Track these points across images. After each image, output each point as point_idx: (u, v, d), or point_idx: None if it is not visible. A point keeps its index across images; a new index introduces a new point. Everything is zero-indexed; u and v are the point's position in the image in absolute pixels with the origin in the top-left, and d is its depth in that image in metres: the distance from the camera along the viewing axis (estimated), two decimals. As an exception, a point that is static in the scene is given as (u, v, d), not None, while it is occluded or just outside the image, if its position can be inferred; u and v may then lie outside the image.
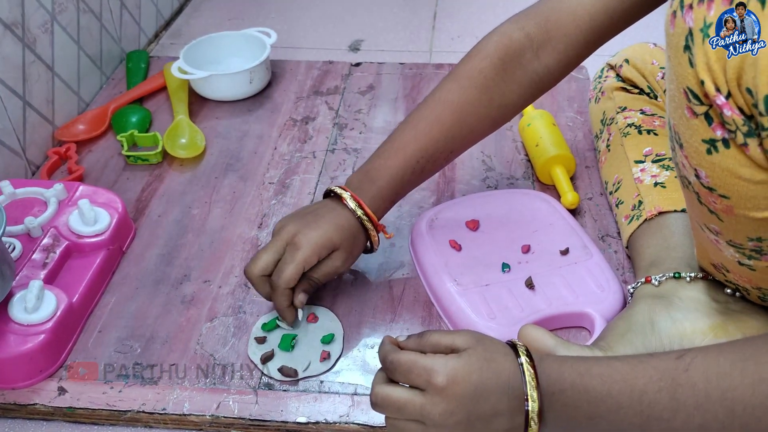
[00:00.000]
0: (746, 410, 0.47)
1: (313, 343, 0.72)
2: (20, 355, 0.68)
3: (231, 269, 0.82)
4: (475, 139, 0.76)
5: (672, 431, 0.50)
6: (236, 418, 0.66)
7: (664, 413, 0.49)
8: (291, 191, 0.93)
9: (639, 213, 0.76)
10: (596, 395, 0.51)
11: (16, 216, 0.80)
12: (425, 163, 0.74)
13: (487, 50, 0.73)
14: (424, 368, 0.52)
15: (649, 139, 0.81)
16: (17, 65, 0.94)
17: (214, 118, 1.07)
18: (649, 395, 0.50)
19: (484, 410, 0.52)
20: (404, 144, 0.73)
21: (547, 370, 0.52)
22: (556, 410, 0.52)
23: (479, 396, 0.52)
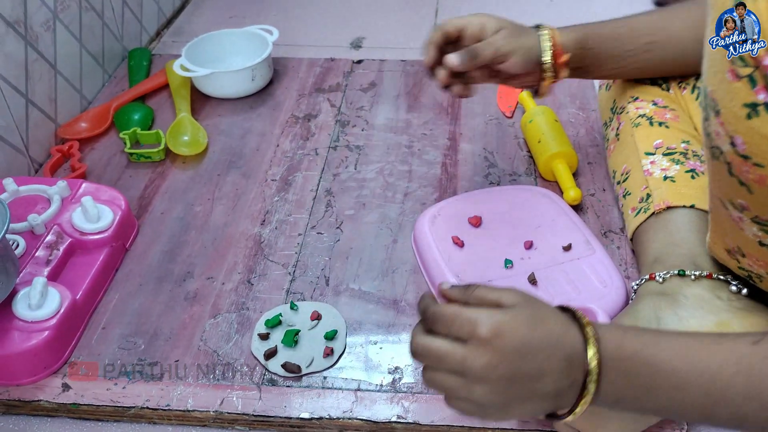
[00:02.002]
0: None
1: (316, 339, 0.72)
2: (24, 352, 0.68)
3: (234, 266, 0.82)
4: (677, 51, 0.77)
5: (737, 418, 0.48)
6: (240, 414, 0.66)
7: (737, 398, 0.47)
8: (293, 188, 0.93)
9: (647, 206, 0.75)
10: (661, 369, 0.49)
11: (20, 213, 0.80)
12: (626, 31, 0.77)
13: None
14: (468, 319, 0.50)
15: (660, 132, 0.80)
16: (20, 63, 0.94)
17: (217, 116, 1.07)
18: (723, 379, 0.48)
19: (530, 369, 0.49)
20: (616, 18, 0.78)
21: (608, 335, 0.50)
22: (612, 378, 0.50)
23: (526, 353, 0.49)
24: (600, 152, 0.95)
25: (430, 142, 1.00)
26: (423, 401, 0.67)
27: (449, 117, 1.05)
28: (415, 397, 0.67)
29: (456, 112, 1.06)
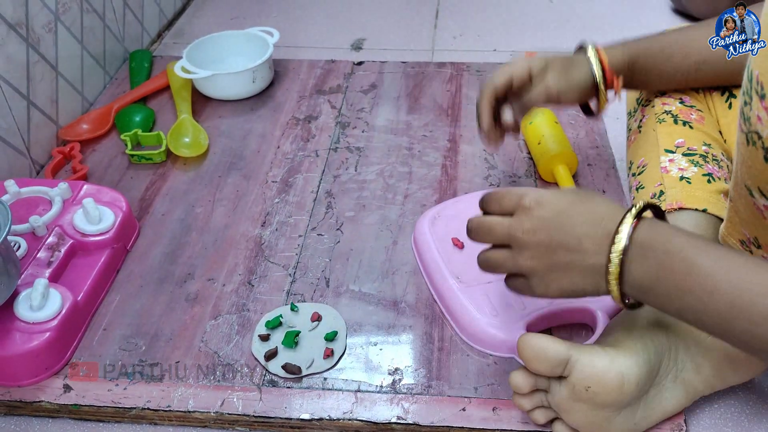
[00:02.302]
0: None
1: (317, 340, 0.72)
2: (26, 353, 0.68)
3: (235, 267, 0.82)
4: (728, 69, 0.75)
5: (751, 334, 0.49)
6: (240, 415, 0.66)
7: (756, 317, 0.49)
8: (294, 190, 0.93)
9: (658, 203, 0.75)
10: (699, 271, 0.51)
11: (21, 215, 0.81)
12: (677, 50, 0.75)
13: None
14: (516, 193, 0.57)
15: (684, 131, 0.79)
16: (21, 65, 0.94)
17: (217, 117, 1.08)
18: (751, 294, 0.49)
19: (568, 239, 0.53)
20: (662, 32, 0.77)
21: (658, 225, 0.53)
22: (647, 267, 0.52)
23: (565, 222, 0.54)
24: (600, 155, 0.96)
25: (430, 143, 1.00)
26: (423, 402, 0.67)
27: (449, 119, 1.05)
28: (415, 398, 0.67)
29: (456, 114, 1.06)
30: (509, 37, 1.30)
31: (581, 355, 0.59)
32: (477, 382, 0.68)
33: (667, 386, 0.63)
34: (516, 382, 0.62)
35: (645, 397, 0.62)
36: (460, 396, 0.67)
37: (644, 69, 0.78)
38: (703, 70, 0.77)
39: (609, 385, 0.58)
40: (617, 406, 0.60)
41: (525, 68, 0.74)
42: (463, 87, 1.12)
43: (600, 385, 0.58)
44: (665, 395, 0.63)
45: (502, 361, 0.70)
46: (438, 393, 0.68)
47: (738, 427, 0.66)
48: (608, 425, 0.61)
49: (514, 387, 0.62)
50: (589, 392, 0.58)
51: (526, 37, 1.30)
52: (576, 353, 0.59)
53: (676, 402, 0.63)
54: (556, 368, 0.59)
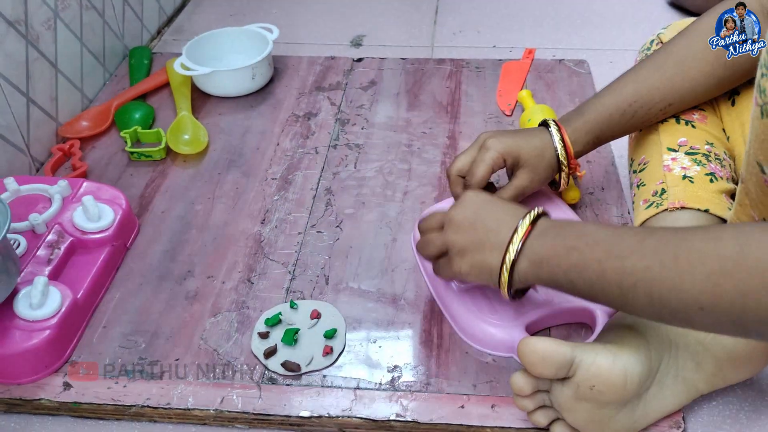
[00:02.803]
0: (688, 258, 0.50)
1: (316, 338, 0.73)
2: (25, 351, 0.68)
3: (234, 265, 0.82)
4: (698, 96, 0.76)
5: (620, 271, 0.53)
6: (240, 413, 0.67)
7: (624, 251, 0.53)
8: (294, 187, 0.93)
9: (660, 201, 0.74)
10: (586, 231, 0.57)
11: (21, 213, 0.81)
12: (638, 107, 0.75)
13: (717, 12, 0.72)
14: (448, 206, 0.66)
15: (686, 131, 0.79)
16: (21, 62, 0.94)
17: (217, 114, 1.08)
18: (623, 237, 0.54)
19: (489, 220, 0.62)
20: (621, 85, 0.76)
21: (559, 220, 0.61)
22: (546, 238, 0.59)
23: (490, 207, 0.63)
24: (599, 152, 0.95)
25: (429, 140, 1.00)
26: (422, 400, 0.67)
27: (449, 115, 1.05)
28: (414, 395, 0.67)
29: (456, 110, 1.06)
30: (509, 33, 1.30)
31: (585, 354, 0.59)
32: (476, 380, 0.68)
33: (667, 384, 0.63)
34: (518, 384, 0.61)
35: (645, 395, 0.62)
36: (458, 393, 0.67)
37: (609, 136, 0.78)
38: (670, 111, 0.77)
39: (613, 383, 0.58)
40: (619, 404, 0.60)
41: (501, 162, 0.75)
42: (463, 83, 1.12)
43: (605, 384, 0.58)
44: (666, 393, 0.63)
45: (501, 359, 0.70)
46: (437, 390, 0.68)
47: (736, 424, 0.66)
48: (609, 423, 0.61)
49: (516, 389, 0.62)
50: (594, 391, 0.59)
51: (525, 33, 1.30)
52: (580, 353, 0.59)
53: (677, 400, 0.64)
54: (560, 370, 0.59)
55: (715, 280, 0.48)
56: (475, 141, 0.77)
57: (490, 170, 0.75)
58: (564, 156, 0.76)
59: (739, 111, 0.76)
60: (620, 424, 0.62)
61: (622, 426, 0.62)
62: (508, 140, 0.75)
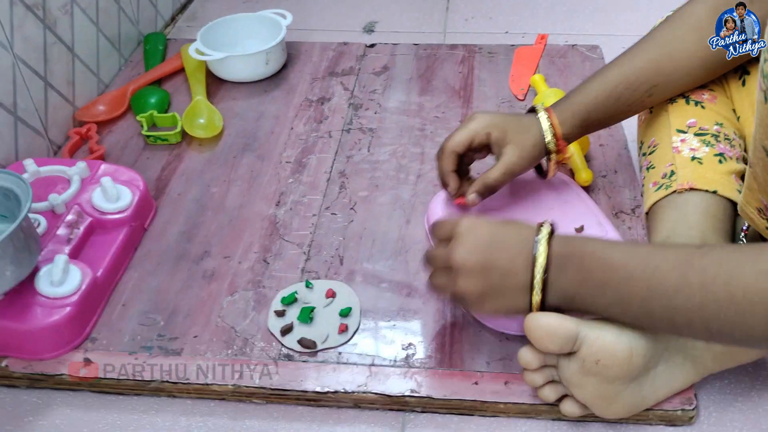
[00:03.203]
0: (745, 297, 0.50)
1: (332, 316, 0.74)
2: (47, 327, 0.70)
3: (250, 246, 0.83)
4: (683, 78, 0.76)
5: (671, 309, 0.53)
6: (257, 388, 0.68)
7: (670, 290, 0.53)
8: (308, 170, 0.94)
9: (669, 183, 0.75)
10: (613, 265, 0.56)
11: (40, 193, 0.82)
12: (623, 89, 0.75)
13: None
14: (452, 222, 0.63)
15: (696, 111, 0.79)
16: (39, 46, 0.95)
17: (231, 99, 1.09)
18: (661, 272, 0.54)
19: (501, 260, 0.59)
20: (607, 69, 0.77)
21: (571, 238, 0.59)
22: (570, 273, 0.58)
23: (497, 243, 0.60)
24: (612, 135, 0.96)
25: (442, 124, 1.01)
26: (436, 376, 0.68)
27: (461, 100, 1.06)
28: (428, 372, 0.68)
29: (468, 95, 1.07)
30: (521, 19, 1.30)
31: (590, 330, 0.60)
32: (489, 357, 0.69)
33: (676, 362, 0.63)
34: (525, 358, 0.63)
35: (654, 371, 0.62)
36: (472, 370, 0.68)
37: (597, 120, 0.78)
38: (656, 93, 0.77)
39: (618, 357, 0.59)
40: (626, 379, 0.61)
41: (484, 133, 0.75)
42: (476, 69, 1.12)
43: (610, 358, 0.59)
44: (674, 371, 0.63)
45: (514, 337, 0.71)
46: (450, 367, 0.69)
47: (748, 401, 0.67)
48: (616, 398, 0.62)
49: (524, 363, 0.63)
50: (599, 365, 0.59)
51: (537, 19, 1.30)
52: (585, 328, 0.60)
53: (685, 378, 0.64)
54: (565, 345, 0.60)
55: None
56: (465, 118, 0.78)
57: (469, 137, 0.75)
58: (552, 135, 0.75)
59: (749, 90, 0.76)
60: (628, 400, 0.62)
61: (630, 402, 0.63)
62: (495, 115, 0.76)
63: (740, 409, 0.66)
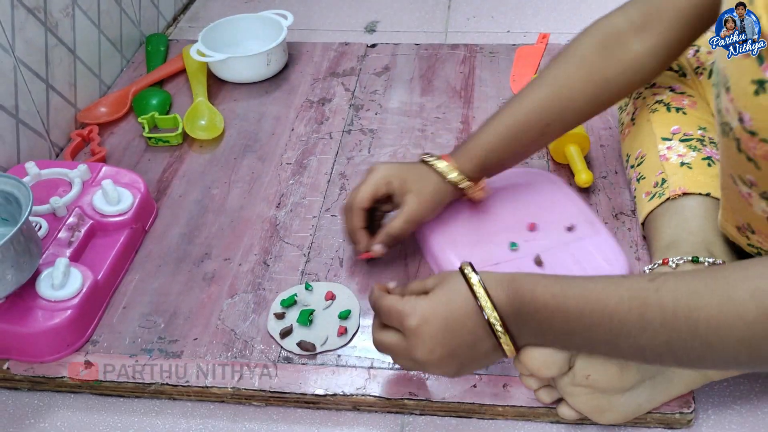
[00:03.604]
0: (709, 328, 0.49)
1: (331, 318, 0.74)
2: (48, 330, 0.70)
3: (250, 247, 0.84)
4: (573, 115, 0.76)
5: (639, 348, 0.53)
6: (257, 390, 0.68)
7: (633, 331, 0.52)
8: (308, 171, 0.94)
9: (662, 191, 0.75)
10: (571, 315, 0.54)
11: (42, 196, 0.82)
12: (517, 130, 0.76)
13: (589, 32, 0.76)
14: (399, 312, 0.59)
15: (678, 118, 0.80)
16: (40, 48, 0.96)
17: (233, 100, 1.09)
18: (619, 315, 0.52)
19: (464, 339, 0.57)
20: (502, 111, 0.77)
21: (521, 288, 0.56)
22: (531, 327, 0.56)
23: (453, 328, 0.57)
24: (613, 135, 0.96)
25: (443, 125, 1.01)
26: (434, 379, 0.68)
27: (462, 100, 1.06)
28: (427, 375, 0.69)
29: (469, 95, 1.07)
30: (523, 18, 1.30)
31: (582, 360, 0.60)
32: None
33: (675, 371, 0.63)
34: (520, 366, 0.63)
35: (651, 381, 0.62)
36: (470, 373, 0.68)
37: (497, 162, 0.78)
38: (549, 132, 0.77)
39: (608, 373, 0.59)
40: (619, 390, 0.61)
41: (385, 184, 0.75)
42: (477, 69, 1.12)
43: (599, 373, 0.59)
44: (673, 379, 0.63)
45: (513, 339, 0.71)
46: (450, 370, 0.69)
47: (746, 404, 0.67)
48: (611, 407, 0.62)
49: (519, 370, 0.63)
50: (590, 380, 0.60)
51: (539, 18, 1.30)
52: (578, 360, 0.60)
53: (684, 386, 0.64)
54: (562, 368, 0.60)
55: (748, 344, 0.48)
56: (366, 172, 0.78)
57: (373, 191, 0.75)
58: (457, 173, 0.75)
59: None
60: (624, 408, 0.62)
61: (627, 410, 0.63)
62: (395, 165, 0.77)
63: (739, 412, 0.66)
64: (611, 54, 0.73)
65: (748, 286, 0.48)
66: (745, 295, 0.47)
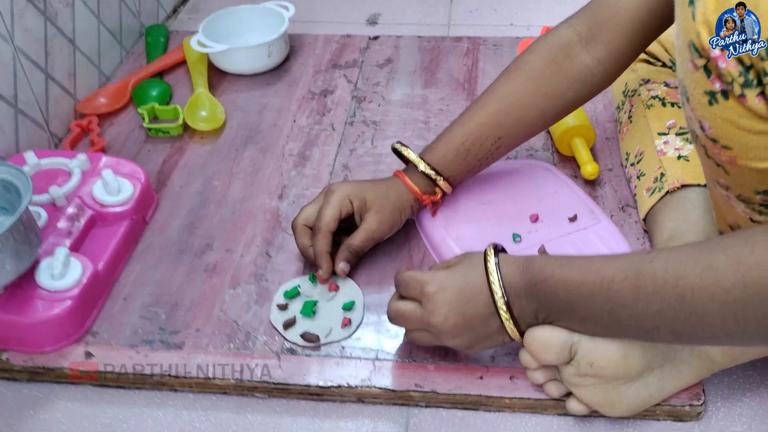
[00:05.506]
0: (694, 296, 0.50)
1: (335, 310, 0.73)
2: (48, 320, 0.69)
3: (253, 239, 0.83)
4: (525, 128, 0.77)
5: (636, 319, 0.54)
6: (260, 382, 0.67)
7: (628, 300, 0.54)
8: (311, 163, 0.93)
9: (661, 185, 0.76)
10: (572, 284, 0.56)
11: (41, 186, 0.81)
12: (470, 145, 0.76)
13: (536, 45, 0.76)
14: (418, 281, 0.61)
15: (673, 112, 0.81)
16: (39, 38, 0.94)
17: (234, 92, 1.08)
18: (615, 284, 0.54)
19: (478, 311, 0.59)
20: (452, 128, 0.77)
21: (532, 264, 0.58)
22: (538, 301, 0.58)
23: (468, 298, 0.59)
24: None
25: (447, 117, 1.00)
26: (440, 371, 0.67)
27: (466, 93, 1.05)
28: (433, 366, 0.68)
29: (472, 88, 1.06)
30: (525, 10, 1.29)
31: (583, 336, 0.59)
32: (494, 352, 0.69)
33: (683, 359, 0.62)
34: (524, 360, 0.63)
35: (659, 370, 0.62)
36: (477, 364, 0.68)
37: (451, 177, 0.78)
38: (503, 145, 0.77)
39: (612, 359, 0.59)
40: (626, 379, 0.60)
41: (348, 202, 0.74)
42: (480, 61, 1.11)
43: (603, 360, 0.59)
44: (682, 369, 0.62)
45: (520, 331, 0.70)
46: (455, 362, 0.68)
47: (756, 397, 0.66)
48: (620, 398, 0.61)
49: (524, 363, 0.63)
50: (594, 367, 0.59)
51: (542, 11, 1.29)
52: (578, 335, 0.60)
53: (693, 375, 0.63)
54: (562, 355, 0.59)
55: (730, 311, 0.49)
56: (320, 192, 0.77)
57: (337, 211, 0.74)
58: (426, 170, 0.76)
59: None
60: (633, 399, 0.62)
61: (636, 401, 0.62)
62: (353, 184, 0.76)
63: (748, 404, 0.66)
64: (560, 67, 0.73)
65: (727, 254, 0.50)
66: (724, 263, 0.49)
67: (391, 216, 0.76)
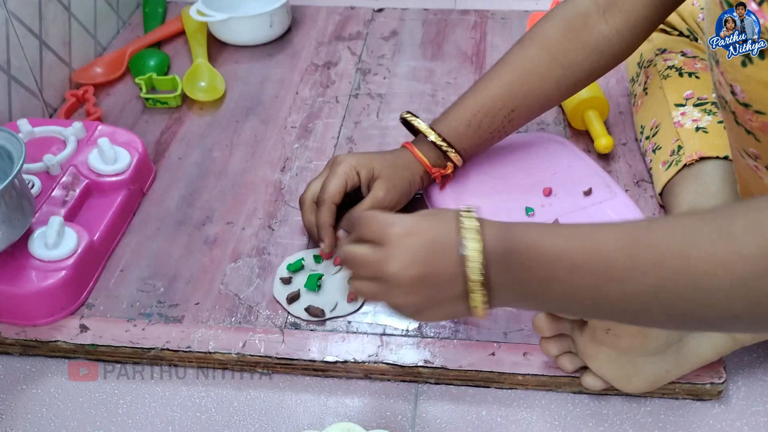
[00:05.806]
0: (704, 267, 0.43)
1: (340, 284, 0.70)
2: (41, 292, 0.66)
3: (254, 211, 0.80)
4: (540, 100, 0.74)
5: (622, 297, 0.46)
6: (263, 357, 0.65)
7: (618, 273, 0.45)
8: (314, 135, 0.90)
9: (678, 158, 0.73)
10: (555, 254, 0.47)
11: (35, 154, 0.78)
12: (482, 116, 0.73)
13: (552, 14, 0.72)
14: (384, 220, 0.52)
15: (691, 82, 0.78)
16: (33, 3, 0.91)
17: (234, 63, 1.05)
18: (605, 253, 0.46)
19: (445, 268, 0.49)
20: (464, 99, 0.74)
21: (514, 230, 0.49)
22: (513, 270, 0.49)
23: (437, 251, 0.50)
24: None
25: (454, 90, 0.97)
26: (450, 347, 0.65)
27: (474, 66, 1.02)
28: (443, 342, 0.65)
29: (481, 60, 1.03)
30: (534, -14, 1.26)
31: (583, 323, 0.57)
32: (507, 328, 0.66)
33: (704, 333, 0.60)
34: (538, 324, 0.60)
35: (678, 344, 0.59)
36: (489, 341, 0.65)
37: (463, 150, 0.74)
38: (516, 117, 0.74)
39: (629, 326, 0.56)
40: (642, 351, 0.58)
41: (355, 173, 0.71)
42: (488, 34, 1.08)
43: (620, 326, 0.56)
44: (702, 343, 0.60)
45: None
46: (466, 338, 0.65)
47: (778, 376, 0.64)
48: (636, 372, 0.59)
49: (537, 329, 0.61)
50: (610, 334, 0.57)
51: (551, -14, 1.26)
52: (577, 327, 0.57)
53: (715, 351, 0.61)
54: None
55: (745, 285, 0.42)
56: (326, 165, 0.73)
57: (343, 183, 0.69)
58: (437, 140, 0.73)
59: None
60: (650, 375, 0.59)
61: (653, 376, 0.59)
62: (359, 155, 0.72)
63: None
64: (577, 37, 0.70)
65: (748, 219, 0.42)
66: (744, 228, 0.42)
67: (400, 185, 0.72)
